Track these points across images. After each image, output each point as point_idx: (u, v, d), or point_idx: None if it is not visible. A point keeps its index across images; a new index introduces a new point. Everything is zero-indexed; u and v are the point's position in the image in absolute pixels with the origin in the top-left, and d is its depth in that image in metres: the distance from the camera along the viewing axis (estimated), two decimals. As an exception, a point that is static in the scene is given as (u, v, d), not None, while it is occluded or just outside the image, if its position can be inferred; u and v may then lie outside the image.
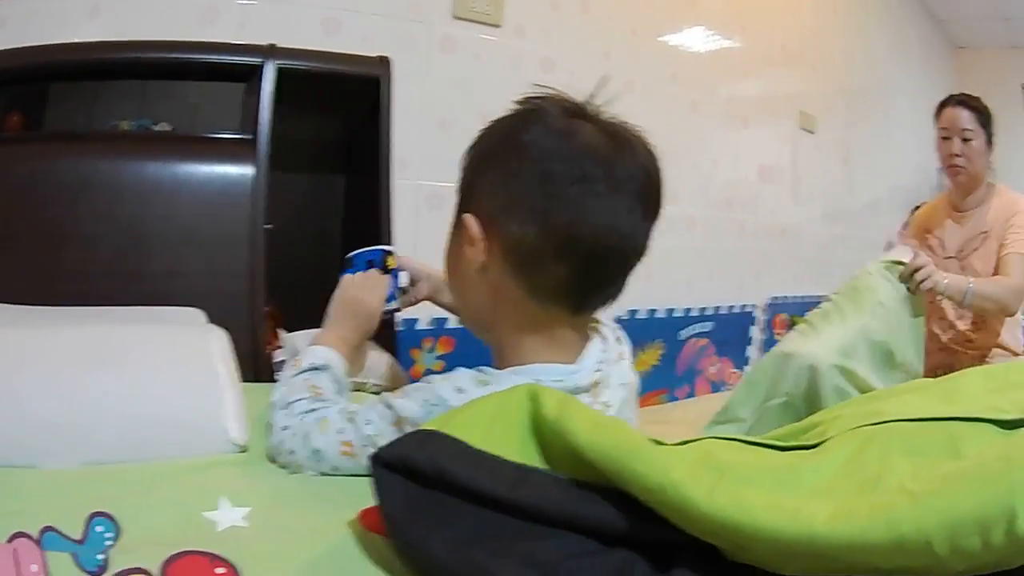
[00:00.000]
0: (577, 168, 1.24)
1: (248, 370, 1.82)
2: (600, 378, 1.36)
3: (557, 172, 1.24)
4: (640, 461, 0.91)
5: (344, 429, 1.39)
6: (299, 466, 1.41)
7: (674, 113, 4.47)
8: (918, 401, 1.11)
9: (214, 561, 1.03)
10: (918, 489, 0.82)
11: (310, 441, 1.40)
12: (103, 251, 2.29)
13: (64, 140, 2.48)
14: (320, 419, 1.43)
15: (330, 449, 1.39)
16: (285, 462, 1.43)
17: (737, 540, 0.86)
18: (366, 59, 2.72)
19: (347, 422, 1.40)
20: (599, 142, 1.26)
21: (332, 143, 3.06)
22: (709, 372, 4.96)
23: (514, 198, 1.27)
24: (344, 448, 1.38)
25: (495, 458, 1.00)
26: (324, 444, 1.39)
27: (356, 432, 1.38)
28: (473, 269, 1.33)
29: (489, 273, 1.32)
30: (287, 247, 2.63)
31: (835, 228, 5.95)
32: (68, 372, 1.43)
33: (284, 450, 1.43)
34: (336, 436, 1.39)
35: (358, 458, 1.36)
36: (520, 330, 1.34)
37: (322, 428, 1.41)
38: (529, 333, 1.34)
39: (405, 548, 1.01)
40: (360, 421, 1.38)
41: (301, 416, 1.46)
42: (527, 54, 3.80)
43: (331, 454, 1.39)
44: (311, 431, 1.41)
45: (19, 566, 0.95)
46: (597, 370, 1.37)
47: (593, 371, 1.36)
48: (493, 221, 1.30)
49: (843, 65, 6.04)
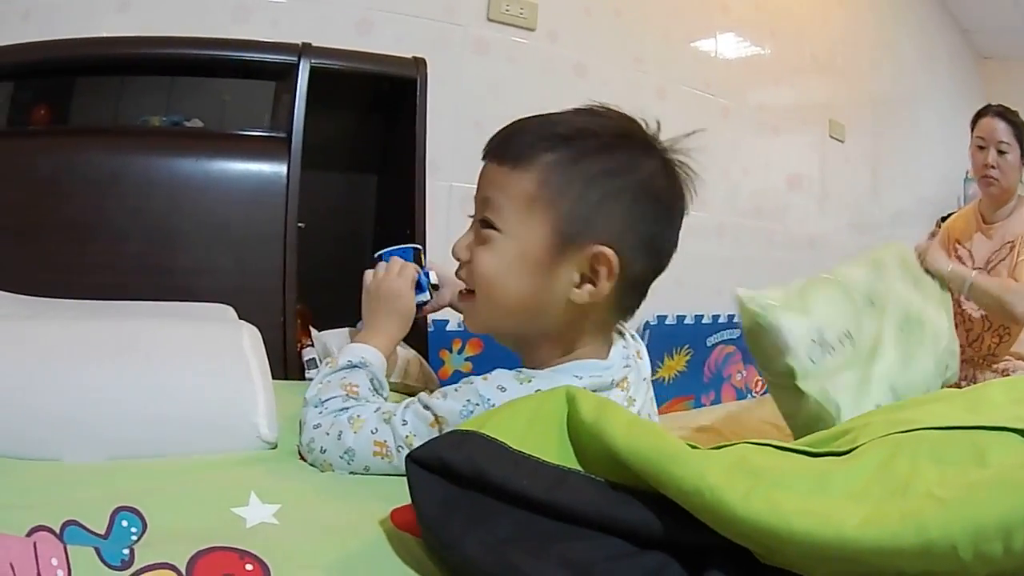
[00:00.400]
0: (679, 206, 1.37)
1: (278, 368, 1.82)
2: (627, 373, 1.41)
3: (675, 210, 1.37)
4: (677, 464, 0.92)
5: (378, 429, 1.38)
6: (330, 465, 1.40)
7: (705, 120, 4.36)
8: (945, 410, 1.12)
9: (244, 557, 1.02)
10: (946, 495, 0.83)
11: (342, 440, 1.39)
12: (131, 245, 2.29)
13: (94, 134, 2.49)
14: (353, 418, 1.42)
15: (363, 449, 1.38)
16: (316, 460, 1.42)
17: (770, 543, 0.86)
18: (401, 60, 2.72)
19: (382, 422, 1.39)
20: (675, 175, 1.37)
21: (364, 143, 3.06)
22: (735, 379, 4.95)
23: (646, 237, 1.35)
24: (377, 448, 1.37)
25: (533, 459, 1.00)
26: (357, 443, 1.38)
27: (391, 432, 1.37)
28: (562, 293, 1.35)
29: (583, 294, 1.34)
30: (318, 246, 2.64)
31: (862, 238, 5.90)
32: (97, 365, 1.42)
33: (315, 448, 1.42)
34: (369, 436, 1.38)
35: (391, 459, 1.36)
36: (577, 336, 1.38)
37: (355, 427, 1.39)
38: (584, 336, 1.38)
39: (440, 547, 1.01)
40: (396, 421, 1.37)
41: (334, 415, 1.45)
42: (560, 58, 3.78)
43: (363, 454, 1.38)
44: (344, 429, 1.40)
45: (39, 559, 0.93)
46: (625, 366, 1.42)
47: (622, 367, 1.41)
48: (622, 254, 1.32)
49: (872, 74, 6.00)
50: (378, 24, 3.20)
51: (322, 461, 1.41)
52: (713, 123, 4.53)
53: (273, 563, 1.02)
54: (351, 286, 1.83)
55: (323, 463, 1.41)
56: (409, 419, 1.37)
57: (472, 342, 3.42)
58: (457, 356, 3.41)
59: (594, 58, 3.90)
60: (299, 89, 2.48)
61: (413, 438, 1.34)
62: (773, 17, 5.01)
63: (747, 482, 0.90)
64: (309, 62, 2.50)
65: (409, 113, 2.72)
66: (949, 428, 1.02)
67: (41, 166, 2.28)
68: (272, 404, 1.52)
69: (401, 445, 1.35)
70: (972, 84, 7.76)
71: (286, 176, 2.41)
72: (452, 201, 3.41)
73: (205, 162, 2.42)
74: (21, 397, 1.34)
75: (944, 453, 0.95)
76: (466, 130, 3.43)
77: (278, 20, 2.98)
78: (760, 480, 0.90)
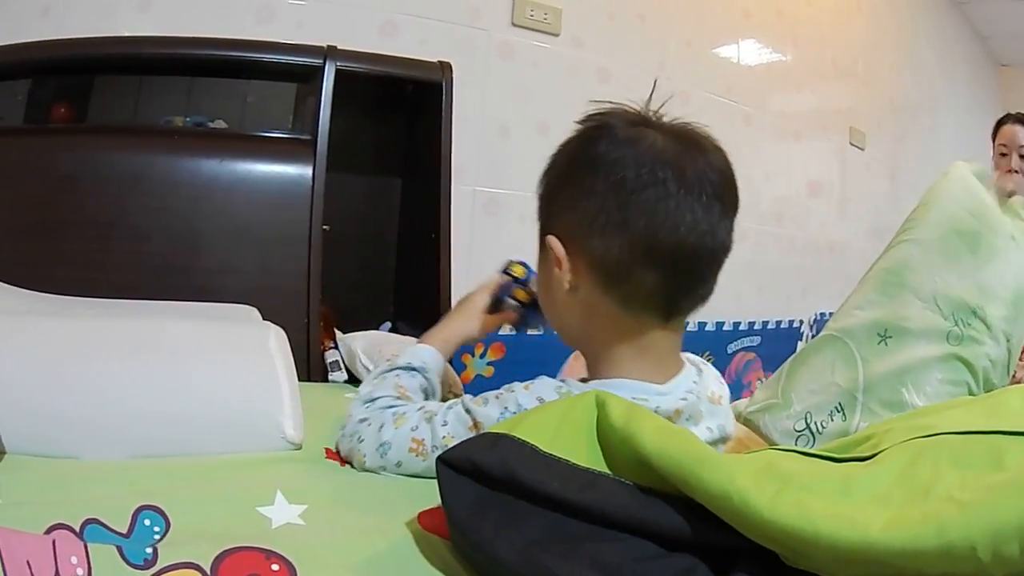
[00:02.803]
0: (648, 173, 1.23)
1: (301, 370, 1.82)
2: (684, 407, 1.33)
3: (629, 179, 1.23)
4: (706, 468, 0.92)
5: (419, 427, 1.39)
6: (363, 458, 1.42)
7: (728, 126, 4.38)
8: (963, 416, 1.11)
9: (270, 557, 1.01)
10: (965, 498, 0.82)
11: (382, 432, 1.41)
12: (154, 245, 2.30)
13: (116, 132, 2.50)
14: (398, 415, 1.44)
15: (400, 444, 1.39)
16: (351, 450, 1.44)
17: (797, 546, 0.86)
18: (427, 63, 2.73)
19: (423, 420, 1.40)
20: (666, 145, 1.26)
21: (388, 146, 3.06)
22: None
23: (591, 213, 1.26)
24: (413, 445, 1.38)
25: (564, 462, 1.00)
26: (395, 438, 1.40)
27: (430, 431, 1.38)
28: (563, 290, 1.32)
29: (580, 292, 1.31)
30: (343, 248, 2.65)
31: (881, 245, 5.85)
32: (118, 363, 1.42)
33: (354, 438, 1.44)
34: (409, 432, 1.39)
35: (425, 457, 1.36)
36: (613, 343, 1.32)
37: (397, 423, 1.41)
38: (622, 345, 1.32)
39: (470, 549, 1.02)
40: (436, 421, 1.38)
41: (380, 410, 1.48)
42: (584, 63, 3.78)
43: (399, 448, 1.39)
44: (386, 423, 1.42)
45: (57, 557, 0.92)
46: (683, 398, 1.33)
47: (678, 398, 1.33)
48: (575, 239, 1.29)
49: (892, 81, 5.98)
50: (403, 27, 3.19)
51: (356, 452, 1.43)
52: (735, 129, 4.53)
53: (299, 563, 1.01)
54: (375, 288, 1.84)
55: (357, 454, 1.43)
56: (450, 420, 1.37)
57: (495, 346, 3.42)
58: (479, 360, 3.41)
59: (618, 63, 3.89)
60: (325, 91, 2.49)
61: (451, 439, 1.34)
62: (794, 24, 5.00)
63: (774, 486, 0.90)
64: (335, 65, 2.51)
65: (432, 116, 2.73)
66: (968, 433, 1.02)
67: (62, 164, 2.29)
68: (298, 405, 1.52)
69: (437, 445, 1.35)
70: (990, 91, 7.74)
71: (311, 178, 2.42)
72: (476, 205, 3.43)
73: (229, 163, 2.42)
74: (40, 395, 1.34)
75: (964, 457, 0.95)
76: (490, 134, 3.43)
77: (302, 22, 2.97)
78: (787, 484, 0.90)
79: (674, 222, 1.22)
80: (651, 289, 1.26)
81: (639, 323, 1.30)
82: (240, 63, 2.60)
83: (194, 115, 2.64)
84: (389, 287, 3.06)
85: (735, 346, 4.72)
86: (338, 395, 2.07)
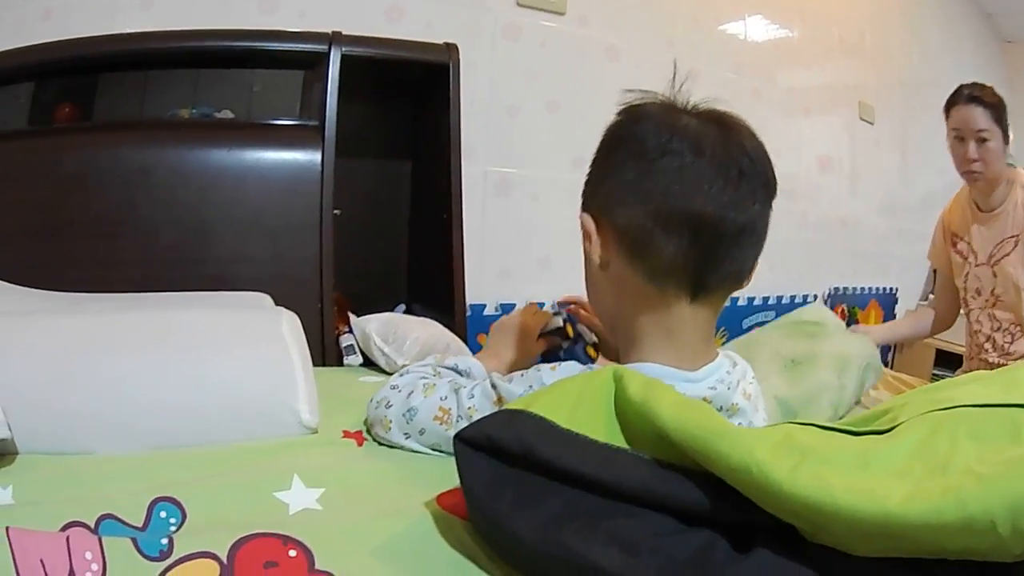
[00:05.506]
0: (667, 142, 1.23)
1: (316, 355, 1.82)
2: (713, 396, 1.31)
3: (649, 149, 1.24)
4: (725, 442, 0.91)
5: (447, 397, 1.42)
6: (389, 423, 1.44)
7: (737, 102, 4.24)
8: (981, 389, 1.10)
9: (287, 543, 1.01)
10: (984, 471, 0.82)
11: (410, 399, 1.44)
12: (164, 238, 2.30)
13: (122, 128, 2.49)
14: (428, 385, 1.47)
15: (426, 411, 1.42)
16: (378, 416, 1.47)
17: (817, 520, 0.86)
18: (433, 46, 2.72)
19: (451, 391, 1.43)
20: (693, 123, 1.26)
21: (398, 129, 3.06)
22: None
23: (617, 186, 1.27)
24: (439, 414, 1.41)
25: (582, 437, 1.00)
26: (422, 405, 1.43)
27: (456, 402, 1.40)
28: (596, 269, 1.32)
29: (611, 268, 1.30)
30: (354, 233, 2.64)
31: (893, 220, 5.86)
32: (129, 356, 1.42)
33: (383, 403, 1.47)
34: (437, 401, 1.42)
35: (450, 427, 1.39)
36: (642, 324, 1.30)
37: (427, 392, 1.44)
38: (650, 326, 1.30)
39: (488, 527, 1.01)
40: (463, 394, 1.41)
41: (413, 380, 1.51)
42: (591, 42, 3.75)
43: (425, 415, 1.42)
44: (416, 390, 1.45)
45: (72, 554, 0.91)
46: (712, 387, 1.32)
47: (707, 387, 1.32)
48: (604, 215, 1.30)
49: (900, 57, 5.94)
50: (408, 11, 3.17)
51: (383, 417, 1.45)
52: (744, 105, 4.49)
53: (317, 548, 1.00)
54: (388, 272, 1.84)
55: (383, 420, 1.45)
56: (476, 394, 1.40)
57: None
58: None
59: (625, 41, 3.88)
60: (331, 77, 2.48)
61: (475, 411, 1.37)
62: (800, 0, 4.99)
63: (793, 459, 0.89)
64: (340, 50, 2.50)
65: (441, 99, 2.73)
66: (986, 406, 1.02)
67: (67, 163, 2.28)
68: (313, 389, 1.52)
69: (462, 416, 1.38)
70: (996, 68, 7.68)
71: (320, 164, 2.42)
72: (488, 185, 3.43)
73: (238, 152, 2.42)
74: (53, 392, 1.33)
75: (982, 430, 0.94)
76: (499, 115, 3.42)
77: (305, 11, 2.95)
78: (806, 457, 0.90)
79: (691, 189, 1.22)
80: (672, 258, 1.23)
81: (665, 299, 1.28)
82: (245, 53, 2.59)
83: (202, 107, 2.63)
84: (402, 270, 3.07)
85: (750, 321, 4.72)
86: (353, 378, 2.07)
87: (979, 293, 3.23)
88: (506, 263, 3.56)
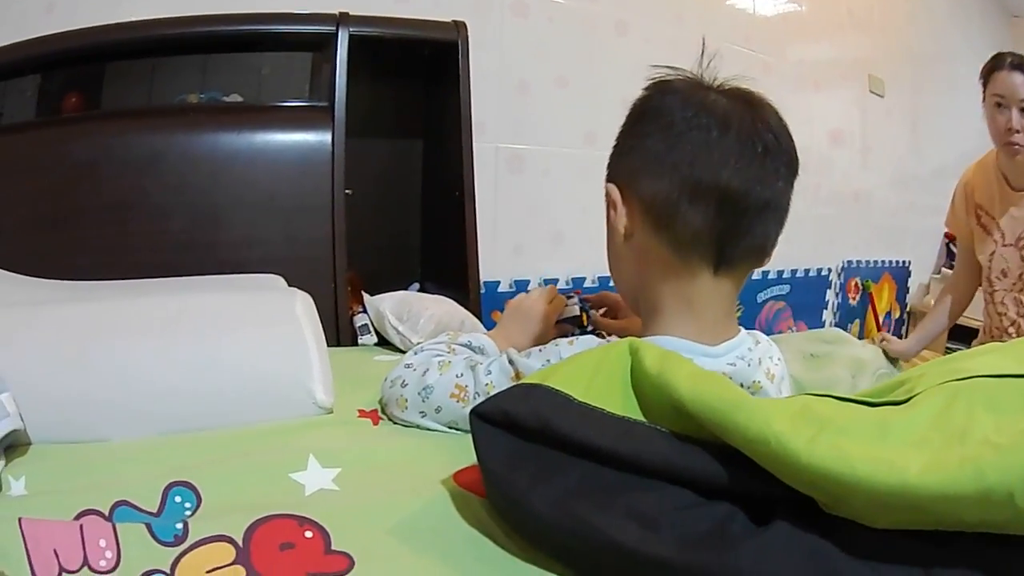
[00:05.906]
0: (694, 117, 1.24)
1: (330, 335, 1.82)
2: (732, 372, 1.30)
3: (677, 122, 1.24)
4: (742, 413, 0.90)
5: (463, 374, 1.42)
6: (405, 402, 1.44)
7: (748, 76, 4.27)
8: (998, 360, 1.10)
9: (303, 524, 1.01)
10: (1002, 442, 0.81)
11: (426, 377, 1.44)
12: (175, 223, 2.29)
13: (131, 116, 2.48)
14: (443, 362, 1.47)
15: (442, 388, 1.42)
16: (393, 395, 1.47)
17: (835, 491, 0.85)
18: (442, 24, 2.70)
19: (468, 368, 1.43)
20: (719, 99, 1.27)
21: (408, 108, 3.04)
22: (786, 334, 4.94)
23: (643, 157, 1.28)
24: (456, 391, 1.41)
25: (600, 411, 1.00)
26: (438, 382, 1.43)
27: (473, 379, 1.41)
28: (620, 240, 1.32)
29: (635, 239, 1.30)
30: (366, 212, 2.64)
31: (904, 194, 5.85)
32: (142, 342, 1.41)
33: (398, 382, 1.47)
34: (453, 378, 1.42)
35: (466, 404, 1.38)
36: (663, 295, 1.31)
37: (442, 369, 1.44)
38: (672, 298, 1.30)
39: (505, 503, 1.01)
40: (480, 370, 1.41)
41: (428, 358, 1.51)
42: (600, 17, 3.72)
43: (441, 393, 1.42)
44: (431, 368, 1.45)
45: (85, 542, 0.92)
46: (731, 363, 1.32)
47: (726, 362, 1.32)
48: (629, 186, 1.30)
49: (909, 30, 5.91)
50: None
51: (398, 397, 1.45)
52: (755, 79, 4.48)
53: (333, 529, 1.00)
54: (401, 251, 1.83)
55: (400, 399, 1.45)
56: (493, 370, 1.40)
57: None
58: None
59: (634, 16, 3.85)
60: (339, 58, 2.47)
61: (492, 388, 1.36)
62: (808, -28, 4.98)
63: (811, 429, 0.88)
64: (348, 31, 2.49)
65: (450, 76, 2.71)
66: (1003, 376, 1.01)
67: (76, 152, 2.27)
68: (327, 369, 1.51)
69: (479, 392, 1.38)
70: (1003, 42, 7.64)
71: (331, 144, 2.41)
72: (499, 162, 3.41)
73: (248, 135, 2.41)
74: (65, 381, 1.33)
75: (999, 401, 0.93)
76: (509, 91, 3.40)
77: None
78: (824, 428, 0.89)
79: (718, 162, 1.22)
80: (697, 229, 1.24)
81: (689, 269, 1.28)
82: (253, 36, 2.57)
83: (212, 91, 2.62)
84: (415, 249, 3.06)
85: (765, 295, 4.73)
86: (368, 357, 2.06)
87: (1005, 275, 3.03)
88: (519, 240, 3.53)
